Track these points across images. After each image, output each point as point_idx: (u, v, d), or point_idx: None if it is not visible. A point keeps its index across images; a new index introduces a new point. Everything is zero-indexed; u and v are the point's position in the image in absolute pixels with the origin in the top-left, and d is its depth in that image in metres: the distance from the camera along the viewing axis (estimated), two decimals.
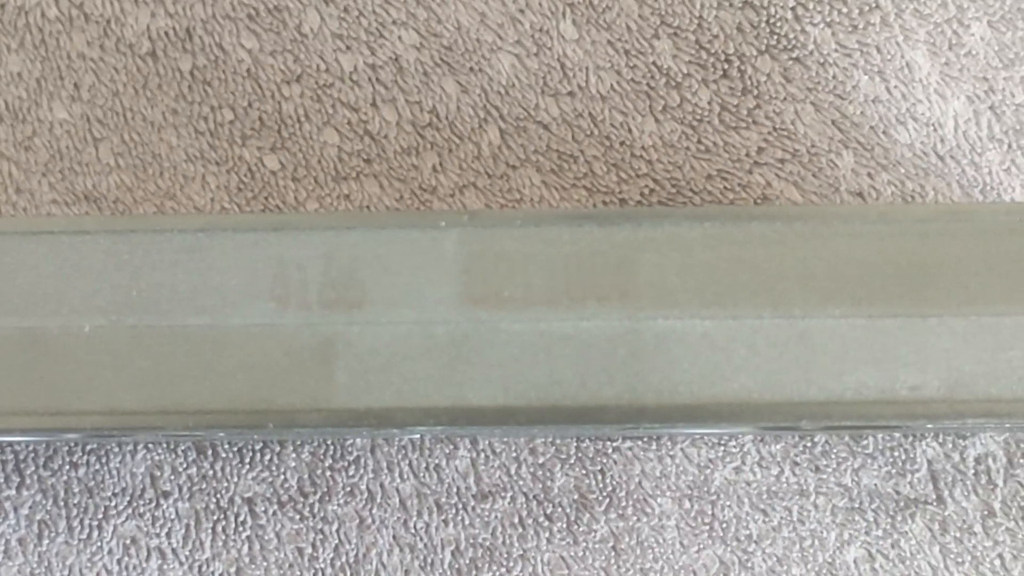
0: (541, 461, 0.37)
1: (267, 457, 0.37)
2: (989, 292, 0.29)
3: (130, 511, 0.36)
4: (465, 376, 0.29)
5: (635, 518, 0.36)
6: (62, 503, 0.36)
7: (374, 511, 0.36)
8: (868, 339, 0.29)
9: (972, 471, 0.36)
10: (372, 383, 0.29)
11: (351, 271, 0.30)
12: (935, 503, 0.36)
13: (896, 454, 0.37)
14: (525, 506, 0.37)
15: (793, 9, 0.38)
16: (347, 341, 0.30)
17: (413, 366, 0.29)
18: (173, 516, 0.36)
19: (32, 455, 0.37)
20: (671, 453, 0.37)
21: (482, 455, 0.37)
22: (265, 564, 0.36)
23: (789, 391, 0.29)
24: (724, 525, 0.36)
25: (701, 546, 0.36)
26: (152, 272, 0.30)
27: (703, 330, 0.29)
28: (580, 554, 0.36)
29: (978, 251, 0.30)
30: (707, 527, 0.36)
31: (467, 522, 0.36)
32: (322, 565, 0.36)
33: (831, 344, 0.29)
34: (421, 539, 0.36)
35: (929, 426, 0.33)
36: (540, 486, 0.37)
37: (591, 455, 0.37)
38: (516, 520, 0.36)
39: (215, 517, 0.36)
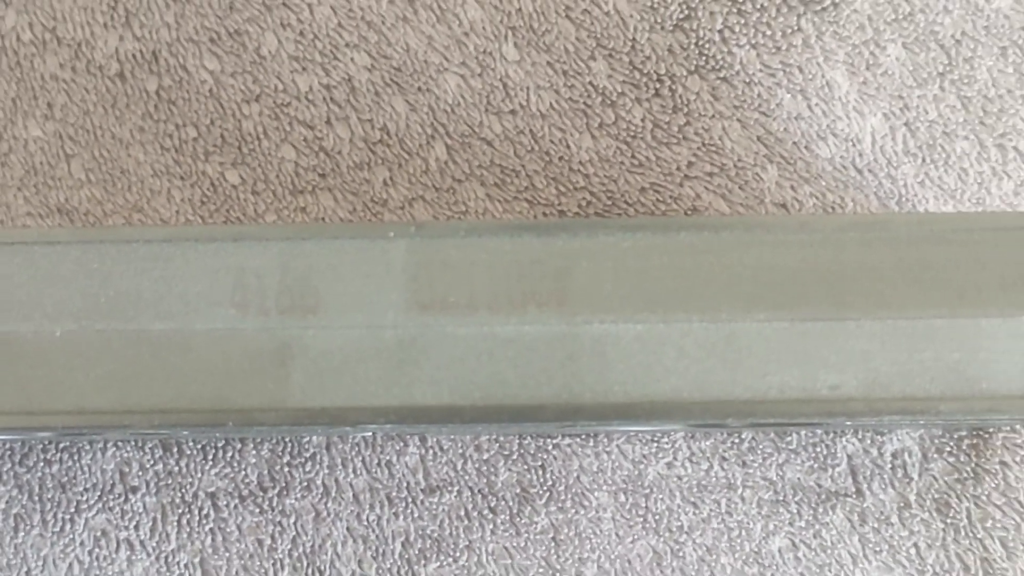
0: (485, 457, 0.37)
1: (229, 454, 0.37)
2: (904, 297, 0.30)
3: (100, 505, 0.37)
4: (413, 377, 0.29)
5: (573, 511, 0.36)
6: (36, 498, 0.37)
7: (329, 504, 0.37)
8: (790, 341, 0.29)
9: (889, 465, 0.37)
10: (326, 384, 0.29)
11: (306, 279, 0.30)
12: (854, 496, 0.36)
13: (818, 449, 0.37)
14: (470, 499, 0.37)
15: (720, 32, 0.38)
16: (303, 345, 0.30)
17: (364, 368, 0.29)
18: (141, 510, 0.37)
19: (8, 452, 0.37)
20: (607, 449, 0.37)
21: (430, 451, 0.37)
22: (227, 555, 0.36)
23: (717, 390, 0.29)
24: (657, 517, 0.36)
25: (635, 537, 0.36)
26: (120, 280, 0.30)
27: (636, 333, 0.30)
28: (522, 544, 0.36)
29: (894, 259, 0.30)
30: (641, 519, 0.36)
31: (416, 515, 0.37)
32: (280, 555, 0.36)
33: (756, 346, 0.29)
34: (373, 531, 0.37)
35: (848, 423, 0.33)
36: (485, 481, 0.37)
37: (532, 451, 0.37)
38: (462, 513, 0.37)
39: (180, 510, 0.37)
